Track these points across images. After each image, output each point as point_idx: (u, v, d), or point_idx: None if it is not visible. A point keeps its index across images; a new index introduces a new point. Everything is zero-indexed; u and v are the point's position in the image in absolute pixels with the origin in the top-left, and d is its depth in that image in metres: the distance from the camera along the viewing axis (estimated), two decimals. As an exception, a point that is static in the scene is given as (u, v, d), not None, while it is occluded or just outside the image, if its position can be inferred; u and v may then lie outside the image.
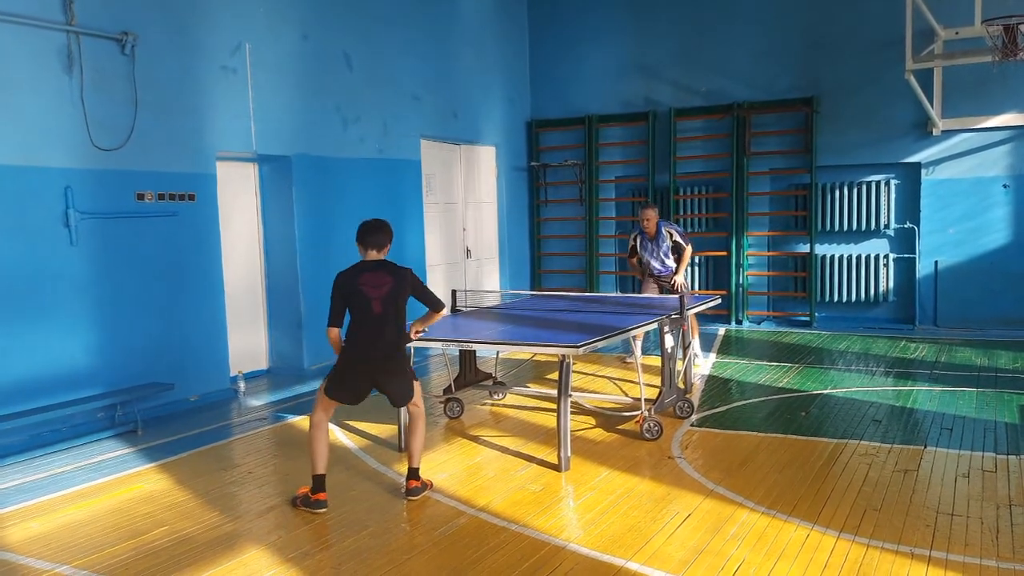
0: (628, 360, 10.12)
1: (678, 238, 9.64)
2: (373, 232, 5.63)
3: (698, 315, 9.81)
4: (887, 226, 12.40)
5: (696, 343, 9.97)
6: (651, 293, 9.76)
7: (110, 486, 6.20)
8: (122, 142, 7.98)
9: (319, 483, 5.59)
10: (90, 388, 7.69)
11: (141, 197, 8.20)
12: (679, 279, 9.62)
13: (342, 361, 5.59)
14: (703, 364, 9.96)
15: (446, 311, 5.99)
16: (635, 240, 9.85)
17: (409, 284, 5.61)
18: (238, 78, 9.16)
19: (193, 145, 8.69)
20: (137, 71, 8.11)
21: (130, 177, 8.08)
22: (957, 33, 11.16)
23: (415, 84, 11.79)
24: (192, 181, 8.67)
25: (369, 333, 5.51)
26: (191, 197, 8.65)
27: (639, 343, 9.97)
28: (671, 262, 9.68)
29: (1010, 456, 6.25)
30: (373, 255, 5.62)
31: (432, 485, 5.91)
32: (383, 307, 5.48)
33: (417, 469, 5.77)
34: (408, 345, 5.91)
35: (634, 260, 9.96)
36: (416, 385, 5.79)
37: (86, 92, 7.67)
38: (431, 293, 5.78)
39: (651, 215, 9.59)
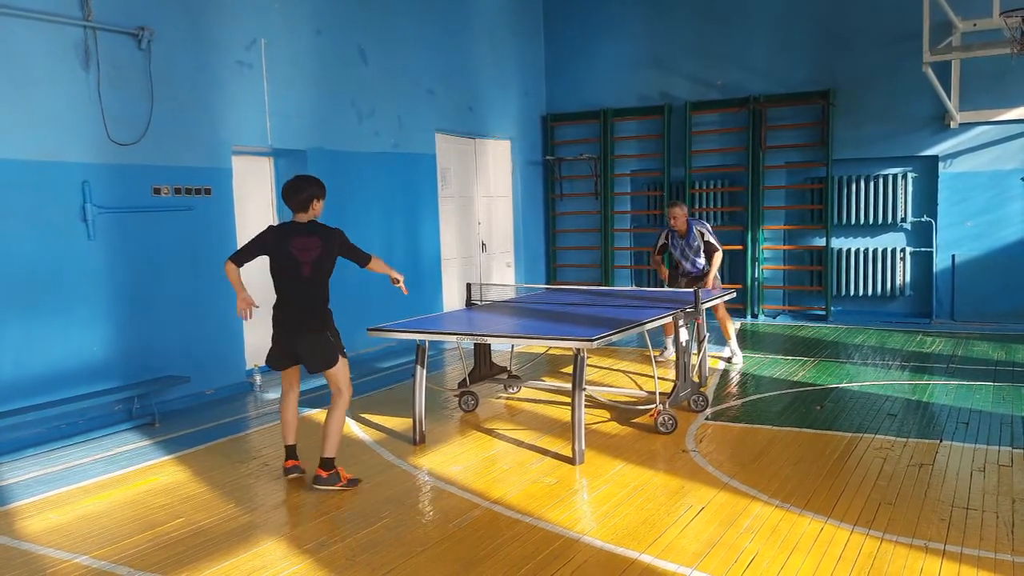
0: (660, 360, 9.66)
1: (710, 238, 9.33)
2: (289, 194, 5.72)
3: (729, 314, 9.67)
4: (904, 220, 12.32)
5: (733, 342, 9.75)
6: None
7: (127, 478, 6.26)
8: (139, 137, 8.03)
9: (287, 452, 5.95)
10: (107, 381, 7.75)
11: (158, 191, 8.25)
12: (712, 278, 9.35)
13: (273, 325, 5.81)
14: (738, 362, 9.67)
15: (379, 262, 6.02)
16: (666, 238, 9.56)
17: (337, 245, 5.73)
18: (253, 73, 9.20)
19: (209, 139, 8.74)
20: (153, 66, 8.15)
21: (147, 171, 8.13)
22: (975, 25, 11.09)
23: (430, 78, 11.81)
24: (208, 175, 8.72)
25: (291, 292, 5.71)
26: (207, 191, 8.70)
27: (669, 339, 9.76)
28: (703, 262, 9.42)
29: (1027, 450, 6.22)
30: (301, 217, 5.74)
31: (347, 483, 5.76)
32: (311, 271, 5.64)
33: (330, 459, 5.74)
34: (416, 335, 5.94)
35: (659, 257, 9.70)
36: (343, 364, 5.79)
37: (103, 87, 7.72)
38: (356, 251, 5.85)
39: (678, 212, 9.31)
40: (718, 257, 9.40)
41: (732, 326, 9.75)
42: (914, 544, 4.65)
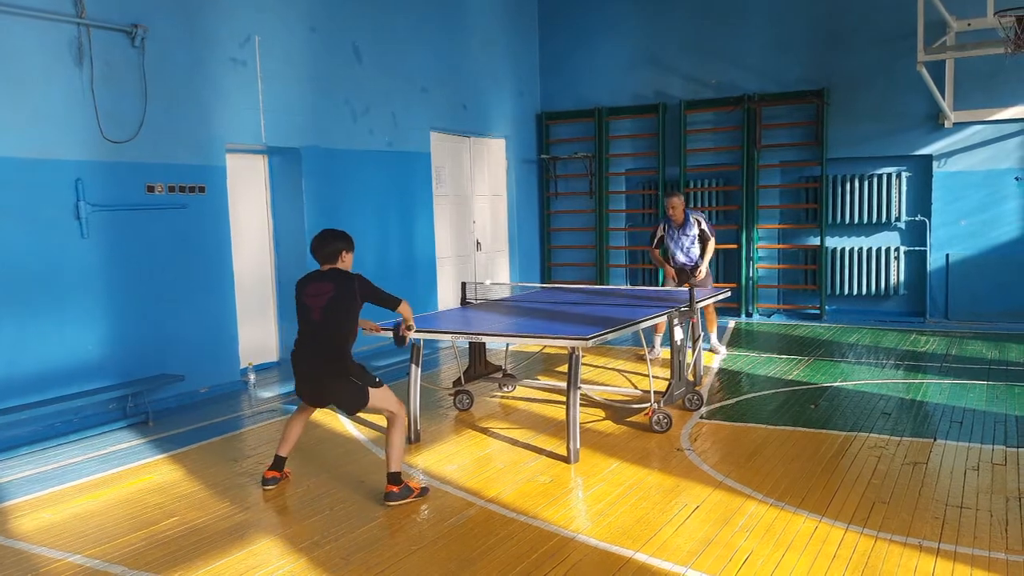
0: (650, 358, 9.76)
1: (705, 227, 9.62)
2: (316, 248, 5.68)
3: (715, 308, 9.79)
4: (898, 219, 12.34)
5: (714, 335, 10.00)
6: (673, 287, 9.71)
7: (121, 477, 6.24)
8: (132, 134, 8.01)
9: (275, 460, 5.94)
10: (101, 380, 7.73)
11: (151, 189, 8.23)
12: (704, 268, 9.61)
13: (292, 365, 5.75)
14: (720, 354, 9.96)
15: (406, 307, 5.81)
16: (662, 230, 9.80)
17: (357, 291, 5.54)
18: (247, 70, 9.18)
19: (203, 137, 8.71)
20: (147, 63, 8.13)
21: (140, 169, 8.11)
22: (969, 24, 11.10)
23: (424, 76, 11.79)
24: (202, 173, 8.70)
25: (305, 340, 5.62)
26: (201, 189, 8.68)
27: (659, 338, 9.90)
28: (696, 252, 9.65)
29: (1020, 449, 6.23)
30: (326, 267, 5.67)
31: (419, 492, 5.60)
32: (322, 315, 5.52)
33: (396, 473, 5.55)
34: (412, 335, 5.96)
35: (657, 252, 9.92)
36: (379, 392, 5.57)
37: (96, 85, 7.69)
38: (383, 293, 5.68)
39: (677, 203, 9.57)
40: (711, 246, 9.67)
41: (715, 320, 10.11)
42: (908, 543, 4.66)
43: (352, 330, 5.63)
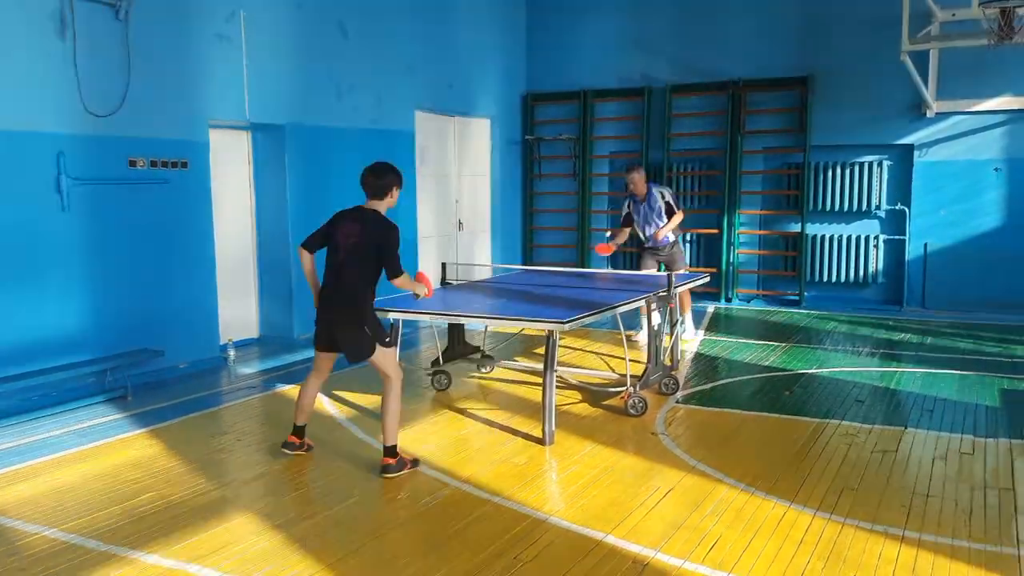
0: (635, 339, 9.91)
1: (670, 198, 9.69)
2: (364, 178, 5.68)
3: (689, 292, 9.86)
4: (878, 207, 12.42)
5: (688, 318, 10.08)
6: (650, 269, 9.78)
7: (99, 451, 6.26)
8: (115, 108, 7.96)
9: (294, 427, 6.06)
10: (80, 353, 7.71)
11: (133, 164, 8.19)
12: (663, 232, 9.61)
13: (316, 303, 5.76)
14: (693, 340, 10.04)
15: (406, 281, 5.72)
16: (628, 207, 9.88)
17: (379, 240, 5.54)
18: (232, 46, 9.12)
19: (186, 112, 8.67)
20: (131, 37, 8.06)
21: (122, 143, 8.07)
22: (954, 15, 11.12)
23: (410, 54, 11.74)
24: (185, 148, 8.66)
25: (330, 277, 5.65)
26: (183, 164, 8.64)
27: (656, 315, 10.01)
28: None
29: (987, 439, 6.34)
30: (372, 204, 5.69)
31: (411, 464, 5.74)
32: (347, 256, 5.55)
33: (392, 447, 5.66)
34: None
35: (625, 229, 9.95)
36: (384, 352, 5.67)
37: (79, 57, 7.63)
38: (390, 260, 5.59)
39: (636, 178, 9.64)
40: (678, 216, 9.71)
41: (689, 304, 10.14)
42: (874, 529, 4.76)
43: (374, 279, 5.64)
